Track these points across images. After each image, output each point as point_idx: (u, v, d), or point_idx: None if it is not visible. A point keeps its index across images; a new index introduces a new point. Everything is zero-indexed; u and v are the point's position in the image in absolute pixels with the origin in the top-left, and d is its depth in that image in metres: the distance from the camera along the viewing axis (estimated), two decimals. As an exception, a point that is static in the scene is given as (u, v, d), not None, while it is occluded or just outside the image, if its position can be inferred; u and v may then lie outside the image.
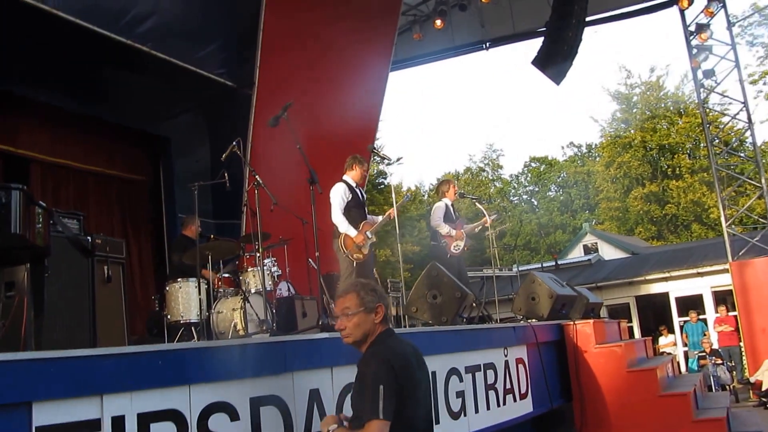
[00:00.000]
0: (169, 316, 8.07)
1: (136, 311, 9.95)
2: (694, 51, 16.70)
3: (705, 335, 17.78)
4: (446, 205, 9.76)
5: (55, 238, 5.34)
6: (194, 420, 3.67)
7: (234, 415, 3.90)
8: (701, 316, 19.15)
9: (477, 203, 10.42)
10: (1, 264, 5.18)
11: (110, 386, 3.31)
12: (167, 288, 8.22)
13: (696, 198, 37.35)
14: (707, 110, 17.88)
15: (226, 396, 3.88)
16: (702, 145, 37.20)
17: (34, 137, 10.26)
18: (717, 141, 17.99)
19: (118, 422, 3.31)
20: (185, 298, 8.06)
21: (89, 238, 6.91)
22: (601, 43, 73.06)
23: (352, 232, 7.73)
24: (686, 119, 39.30)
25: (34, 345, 4.63)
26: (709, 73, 16.69)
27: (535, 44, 14.83)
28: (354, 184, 8.01)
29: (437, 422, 5.62)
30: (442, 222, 9.55)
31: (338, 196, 7.70)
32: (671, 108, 41.06)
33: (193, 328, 7.98)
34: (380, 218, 8.17)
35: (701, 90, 17.16)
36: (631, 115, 42.47)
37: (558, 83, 14.96)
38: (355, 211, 7.88)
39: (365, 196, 8.20)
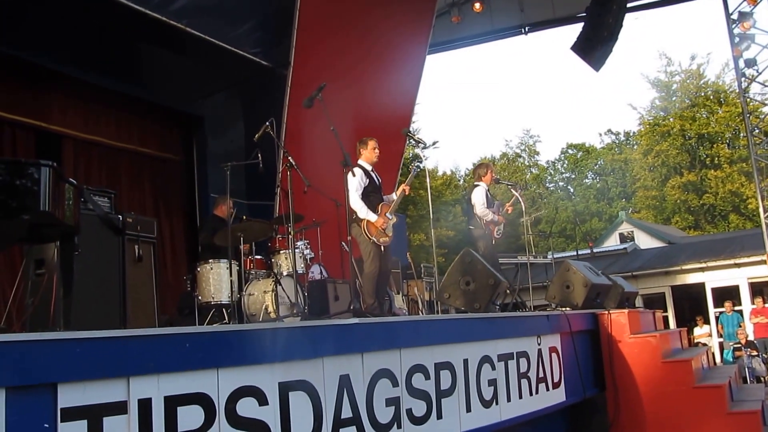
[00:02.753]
0: (200, 297, 8.05)
1: (167, 291, 9.97)
2: (736, 39, 16.41)
3: (740, 326, 17.56)
4: (485, 191, 9.64)
5: (85, 216, 5.31)
6: (222, 404, 3.60)
7: (263, 400, 3.83)
8: (737, 308, 18.91)
9: (512, 189, 10.28)
10: (31, 241, 5.19)
11: (137, 368, 3.25)
12: (199, 268, 8.20)
13: (734, 188, 36.87)
14: (748, 99, 17.63)
15: (255, 380, 3.81)
16: (742, 134, 36.65)
17: (67, 113, 10.29)
18: (757, 131, 17.70)
19: (145, 405, 3.25)
20: (216, 279, 8.03)
21: (120, 216, 6.90)
22: (641, 30, 72.12)
23: (372, 216, 7.59)
24: (726, 108, 38.71)
25: (63, 323, 4.61)
26: (751, 62, 16.44)
27: (575, 29, 14.63)
28: (369, 168, 7.88)
29: (468, 410, 5.53)
30: (486, 209, 9.43)
31: (354, 182, 7.54)
32: (711, 97, 40.43)
33: (224, 310, 7.95)
34: (394, 196, 8.03)
35: (742, 79, 16.88)
36: (671, 103, 41.92)
37: (597, 69, 14.73)
38: (373, 195, 7.75)
39: (380, 179, 8.05)
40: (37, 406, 2.88)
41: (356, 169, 7.46)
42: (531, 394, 6.59)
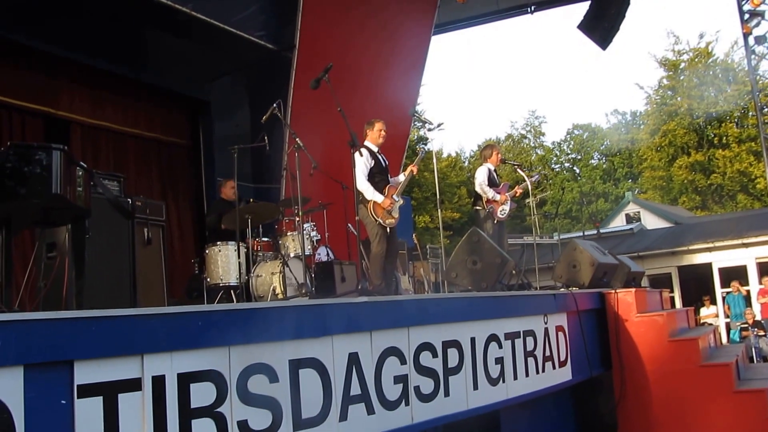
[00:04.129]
0: (208, 279, 8.12)
1: (176, 274, 10.02)
2: (746, 16, 16.30)
3: (748, 307, 17.60)
4: (489, 170, 9.68)
5: (95, 200, 5.37)
6: (233, 381, 3.67)
7: (273, 377, 3.90)
8: (744, 288, 18.90)
9: (518, 169, 10.31)
10: (43, 225, 5.24)
11: (151, 346, 3.32)
12: (207, 251, 8.26)
13: (743, 168, 36.57)
14: (757, 77, 17.53)
15: (266, 358, 3.88)
16: (750, 113, 36.44)
17: (75, 99, 10.33)
18: (766, 109, 17.58)
19: (159, 382, 3.32)
20: (225, 262, 8.09)
21: (129, 200, 6.96)
22: (649, 8, 71.58)
23: (379, 197, 7.58)
24: (735, 87, 38.40)
25: (75, 305, 4.68)
26: (761, 40, 16.33)
27: (582, 8, 14.57)
28: (375, 149, 7.89)
29: (475, 388, 5.59)
30: (486, 186, 9.48)
31: (361, 163, 7.52)
32: (720, 75, 40.10)
33: (232, 292, 8.02)
34: (402, 177, 8.04)
35: (752, 57, 16.77)
36: (678, 83, 41.58)
37: (604, 48, 14.68)
38: (378, 176, 7.74)
39: (387, 161, 8.06)
40: (54, 383, 2.96)
41: (362, 150, 7.45)
42: (537, 373, 6.64)
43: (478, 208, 9.61)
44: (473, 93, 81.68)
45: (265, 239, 8.83)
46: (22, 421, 2.82)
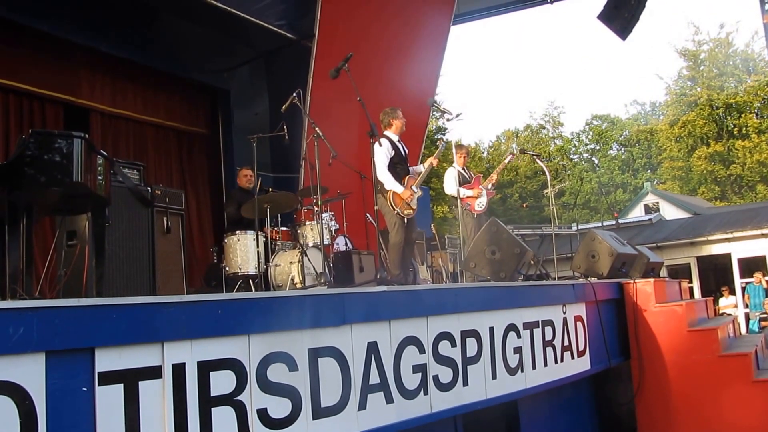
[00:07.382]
0: (227, 269, 8.14)
1: (195, 263, 10.08)
2: (767, 6, 16.09)
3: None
4: (456, 170, 9.75)
5: (115, 189, 5.40)
6: (253, 369, 3.68)
7: (292, 366, 3.91)
8: (766, 278, 18.78)
9: (537, 159, 10.27)
10: (63, 213, 5.27)
11: (171, 334, 3.33)
12: (225, 240, 8.28)
13: (762, 158, 36.37)
14: (778, 67, 17.35)
15: (285, 346, 3.89)
16: (771, 104, 36.16)
17: (95, 87, 10.38)
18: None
19: (179, 369, 3.34)
20: (243, 251, 8.10)
21: (149, 188, 6.99)
22: (670, -2, 71.02)
23: (399, 188, 7.54)
24: (755, 77, 38.11)
25: (95, 293, 4.70)
26: (782, 30, 16.10)
27: (602, -2, 14.41)
28: (396, 139, 7.83)
29: (494, 377, 5.59)
30: (454, 188, 9.58)
31: (382, 153, 7.47)
32: (740, 66, 39.80)
33: (251, 281, 8.04)
34: (422, 168, 8.01)
35: (773, 46, 16.62)
36: (698, 73, 41.29)
37: (624, 39, 14.53)
38: (399, 166, 7.71)
39: (407, 150, 8.02)
40: (75, 370, 2.97)
41: (382, 140, 7.41)
42: (556, 362, 6.62)
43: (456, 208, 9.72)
44: (492, 83, 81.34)
45: (284, 228, 8.84)
46: (44, 408, 2.84)
